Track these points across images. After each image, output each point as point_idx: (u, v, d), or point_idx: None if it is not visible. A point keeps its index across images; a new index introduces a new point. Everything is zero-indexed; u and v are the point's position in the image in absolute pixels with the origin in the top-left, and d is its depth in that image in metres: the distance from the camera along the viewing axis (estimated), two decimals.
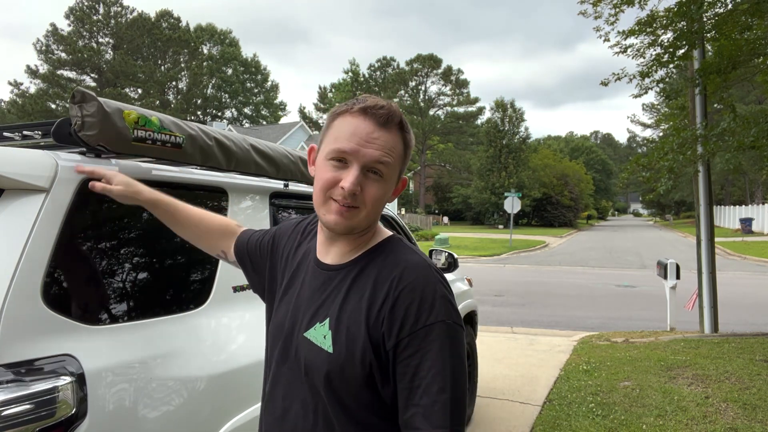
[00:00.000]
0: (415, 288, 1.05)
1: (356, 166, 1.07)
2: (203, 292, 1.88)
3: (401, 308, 1.03)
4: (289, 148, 2.54)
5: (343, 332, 1.07)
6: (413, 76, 57.11)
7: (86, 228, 1.58)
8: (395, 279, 1.07)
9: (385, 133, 1.08)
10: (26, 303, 1.34)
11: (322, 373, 1.08)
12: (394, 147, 1.10)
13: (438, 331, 1.02)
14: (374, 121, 1.07)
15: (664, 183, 7.05)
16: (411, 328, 1.02)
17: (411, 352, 1.02)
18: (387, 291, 1.06)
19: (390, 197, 1.15)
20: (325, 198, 1.11)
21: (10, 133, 1.92)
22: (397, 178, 1.15)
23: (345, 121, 1.09)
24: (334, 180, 1.08)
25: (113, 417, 1.44)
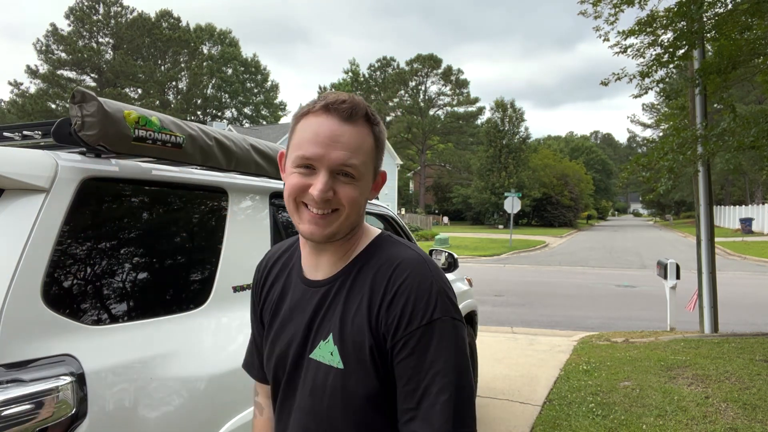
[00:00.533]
0: (409, 285, 0.99)
1: (323, 171, 1.00)
2: (203, 292, 1.88)
3: (396, 308, 0.98)
4: None
5: (350, 344, 1.01)
6: (413, 76, 57.11)
7: (86, 228, 1.58)
8: (390, 278, 1.01)
9: (351, 129, 1.01)
10: (26, 303, 1.34)
11: (338, 394, 1.02)
12: (362, 143, 1.02)
13: (434, 330, 0.96)
14: (337, 117, 1.00)
15: (664, 183, 7.05)
16: (406, 328, 0.97)
17: (407, 354, 0.96)
18: (383, 291, 1.01)
19: (370, 194, 1.08)
20: (297, 204, 1.04)
21: (10, 133, 1.92)
22: (373, 174, 1.08)
23: (308, 123, 1.02)
24: (302, 188, 1.02)
25: (113, 417, 1.44)
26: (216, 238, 2.00)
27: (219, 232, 2.02)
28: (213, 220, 2.04)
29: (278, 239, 2.34)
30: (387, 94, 58.06)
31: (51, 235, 1.43)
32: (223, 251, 1.99)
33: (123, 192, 1.76)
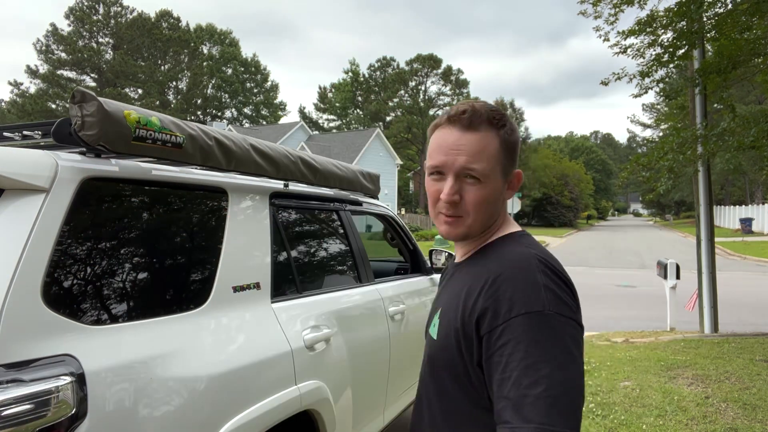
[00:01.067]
0: (513, 276, 1.02)
1: (450, 176, 1.10)
2: (203, 292, 1.88)
3: (496, 295, 1.01)
4: (289, 148, 2.54)
5: (446, 320, 1.11)
6: (413, 76, 57.10)
7: (86, 228, 1.58)
8: (494, 268, 1.06)
9: (472, 136, 1.09)
10: (26, 303, 1.34)
11: (427, 359, 1.16)
12: (485, 147, 1.10)
13: (531, 321, 0.96)
14: (458, 127, 1.10)
15: (664, 183, 7.05)
16: (505, 316, 0.98)
17: (504, 342, 0.97)
18: (486, 279, 1.05)
19: (506, 194, 1.17)
20: (436, 212, 1.16)
21: (10, 133, 1.93)
22: (504, 175, 1.14)
23: (436, 135, 1.15)
24: (437, 193, 1.13)
25: (113, 417, 1.44)
26: (216, 238, 2.00)
27: (219, 232, 2.02)
28: (213, 220, 2.04)
29: (278, 239, 2.34)
30: (387, 94, 58.03)
31: (51, 235, 1.43)
32: (223, 251, 1.99)
33: (123, 192, 1.76)
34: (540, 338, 0.95)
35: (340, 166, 2.96)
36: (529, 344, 0.94)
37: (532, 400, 0.91)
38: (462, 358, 1.05)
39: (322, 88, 64.97)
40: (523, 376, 0.93)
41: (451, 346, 1.07)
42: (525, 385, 0.92)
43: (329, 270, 2.85)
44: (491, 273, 1.05)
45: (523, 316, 0.97)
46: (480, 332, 1.01)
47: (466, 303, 1.06)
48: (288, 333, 2.12)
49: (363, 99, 61.93)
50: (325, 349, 2.30)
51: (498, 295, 1.01)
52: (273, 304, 2.16)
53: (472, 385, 1.05)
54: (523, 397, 0.92)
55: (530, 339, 0.95)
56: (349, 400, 2.43)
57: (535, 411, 0.90)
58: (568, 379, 0.94)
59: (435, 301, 1.27)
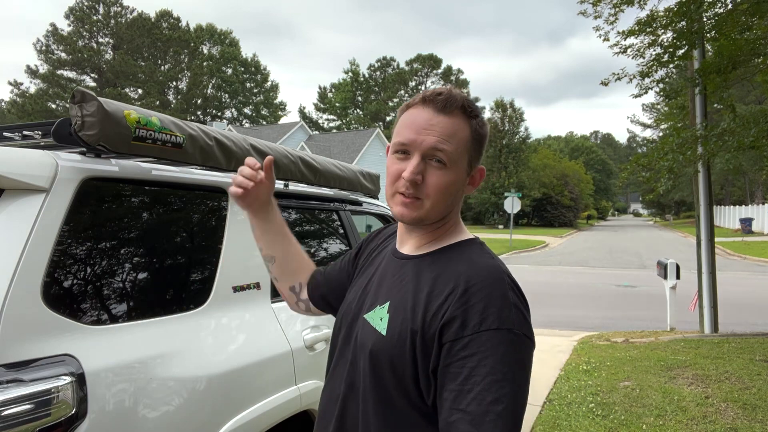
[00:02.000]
0: (486, 288, 0.99)
1: (416, 154, 1.06)
2: (203, 292, 1.88)
3: (467, 306, 0.98)
4: (289, 148, 2.54)
5: (399, 318, 1.05)
6: (413, 76, 57.16)
7: (86, 228, 1.58)
8: (464, 275, 1.02)
9: (445, 118, 1.06)
10: (26, 303, 1.34)
11: (368, 354, 1.06)
12: (456, 132, 1.06)
13: (504, 339, 0.95)
14: (433, 107, 1.06)
15: (664, 183, 7.05)
16: (474, 328, 0.96)
17: (468, 354, 0.94)
18: (454, 285, 1.01)
19: (466, 188, 1.14)
20: (393, 191, 1.10)
21: (10, 133, 1.92)
22: (468, 167, 1.11)
23: (407, 114, 1.10)
24: (398, 172, 1.08)
25: (113, 417, 1.44)
26: (216, 238, 2.00)
27: (219, 232, 2.02)
28: (213, 220, 2.04)
29: None
30: (387, 94, 58.08)
31: (51, 235, 1.43)
32: (223, 251, 1.99)
33: (123, 192, 1.76)
34: (507, 357, 0.94)
35: (340, 166, 2.96)
36: (497, 361, 0.93)
37: (493, 418, 0.90)
38: (414, 362, 1.01)
39: (322, 88, 65.02)
40: (486, 392, 0.91)
41: (405, 347, 1.02)
42: (489, 401, 0.91)
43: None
44: (462, 280, 1.01)
45: (494, 332, 0.95)
46: (443, 339, 0.98)
47: (429, 306, 1.02)
48: (288, 333, 2.12)
49: (363, 99, 61.95)
50: (325, 349, 2.30)
51: (469, 306, 0.98)
52: (273, 304, 2.16)
53: (416, 389, 1.02)
54: (485, 414, 0.90)
55: (498, 356, 0.94)
56: None
57: (497, 429, 0.90)
58: (524, 400, 0.95)
59: (372, 287, 1.18)
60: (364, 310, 1.15)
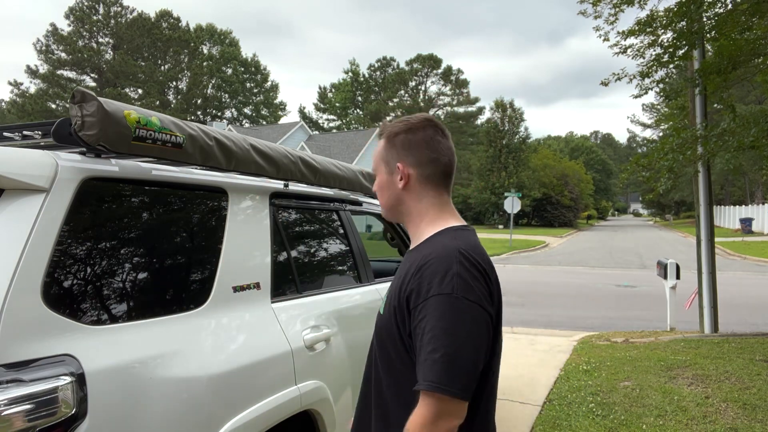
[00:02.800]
0: (433, 264, 1.22)
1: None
2: (203, 292, 1.88)
3: (419, 280, 1.22)
4: (289, 148, 2.54)
5: (389, 298, 1.34)
6: (413, 76, 57.12)
7: (86, 228, 1.58)
8: (424, 256, 1.26)
9: (378, 144, 1.47)
10: (26, 303, 1.34)
11: (376, 331, 1.38)
12: (377, 150, 1.46)
13: (438, 301, 1.17)
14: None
15: (664, 183, 7.05)
16: (423, 296, 1.20)
17: (421, 317, 1.19)
18: (417, 265, 1.26)
19: (398, 183, 1.41)
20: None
21: (10, 133, 1.93)
22: (387, 170, 1.43)
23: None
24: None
25: (113, 417, 1.44)
26: (216, 238, 2.00)
27: (219, 232, 2.02)
28: (213, 220, 2.05)
29: (278, 239, 2.34)
30: (387, 94, 58.05)
31: (51, 235, 1.43)
32: (223, 251, 1.99)
33: (123, 192, 1.76)
34: (445, 315, 1.16)
35: (340, 166, 2.96)
36: (437, 319, 1.16)
37: (430, 363, 1.14)
38: (398, 329, 1.27)
39: (322, 88, 65.01)
40: (428, 344, 1.15)
41: (392, 318, 1.29)
42: (428, 350, 1.15)
43: (329, 270, 2.85)
44: (420, 260, 1.26)
45: (435, 297, 1.18)
46: (409, 307, 1.23)
47: (403, 284, 1.28)
48: (288, 333, 2.12)
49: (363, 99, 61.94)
50: (325, 349, 2.30)
51: (421, 279, 1.22)
52: (273, 304, 2.16)
53: (406, 350, 1.26)
54: (425, 361, 1.15)
55: (438, 315, 1.16)
56: (349, 400, 2.43)
57: (432, 372, 1.13)
58: (462, 349, 1.15)
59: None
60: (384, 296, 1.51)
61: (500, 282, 1.34)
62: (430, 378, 1.13)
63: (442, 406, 1.13)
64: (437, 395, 1.12)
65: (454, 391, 1.12)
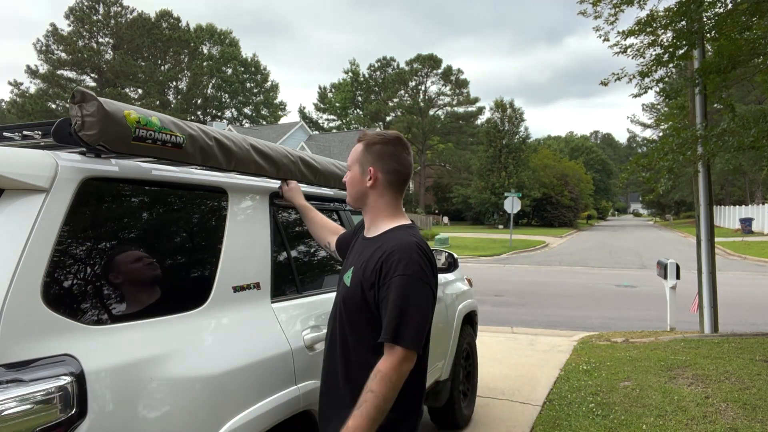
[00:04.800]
0: (396, 252, 1.65)
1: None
2: (203, 292, 1.88)
3: (386, 264, 1.65)
4: (289, 148, 2.54)
5: (357, 274, 1.74)
6: (413, 76, 57.08)
7: (86, 228, 1.58)
8: (389, 247, 1.68)
9: (356, 147, 1.90)
10: (26, 303, 1.34)
11: (341, 297, 1.80)
12: (356, 152, 1.87)
13: (402, 280, 1.61)
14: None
15: (664, 183, 7.05)
16: (388, 275, 1.63)
17: (385, 292, 1.62)
18: (384, 252, 1.68)
19: (366, 182, 1.82)
20: None
21: (10, 133, 1.93)
22: (360, 170, 1.84)
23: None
24: None
25: (113, 417, 1.44)
26: (216, 238, 2.00)
27: (219, 233, 2.02)
28: (213, 220, 2.04)
29: (278, 239, 2.34)
30: (387, 94, 58.03)
31: (51, 235, 1.43)
32: (223, 251, 1.99)
33: (123, 192, 1.76)
34: (404, 290, 1.60)
35: (340, 166, 2.96)
36: (399, 293, 1.60)
37: (395, 325, 1.57)
38: (365, 299, 1.69)
39: (322, 88, 65.02)
40: (391, 311, 1.59)
41: (359, 290, 1.71)
42: (393, 315, 1.58)
43: (329, 270, 2.85)
44: (388, 249, 1.68)
45: (399, 276, 1.61)
46: (379, 283, 1.65)
47: (368, 267, 1.70)
48: (288, 333, 2.12)
49: (363, 99, 61.92)
50: None
51: (390, 263, 1.64)
52: (273, 304, 2.16)
53: (373, 317, 1.68)
54: (390, 323, 1.58)
55: (400, 289, 1.60)
56: None
57: (389, 328, 1.58)
58: (416, 315, 1.60)
59: (346, 260, 1.93)
60: (345, 271, 1.84)
61: (500, 282, 1.46)
62: (394, 335, 1.56)
63: (403, 354, 1.56)
64: (400, 347, 1.56)
65: (411, 345, 1.57)
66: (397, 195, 1.84)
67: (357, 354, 1.71)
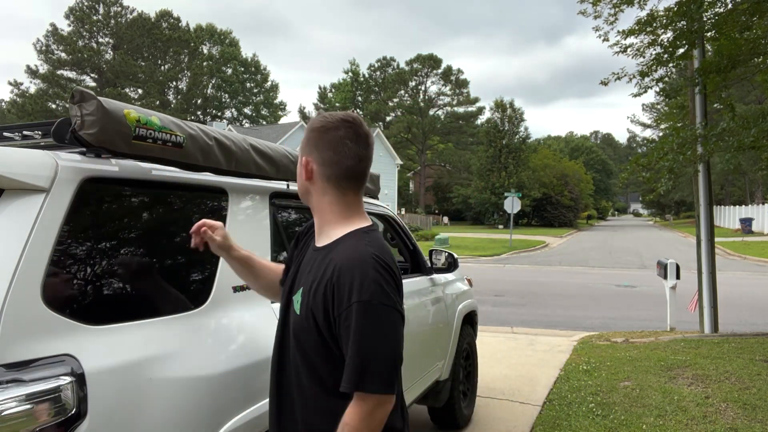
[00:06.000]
0: (350, 271, 1.29)
1: None
2: (203, 292, 1.88)
3: (338, 287, 1.29)
4: (289, 148, 2.54)
5: (305, 301, 1.38)
6: (413, 76, 57.09)
7: (86, 228, 1.58)
8: (338, 263, 1.32)
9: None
10: (26, 303, 1.34)
11: (291, 326, 1.43)
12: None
13: (359, 309, 1.25)
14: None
15: (664, 183, 7.05)
16: (345, 304, 1.27)
17: (345, 324, 1.27)
18: (331, 272, 1.32)
19: (301, 177, 1.48)
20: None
21: (10, 133, 1.93)
22: (301, 161, 1.47)
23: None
24: None
25: (113, 417, 1.44)
26: None
27: None
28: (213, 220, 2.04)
29: (278, 239, 2.34)
30: (387, 94, 58.04)
31: (51, 235, 1.43)
32: None
33: (123, 192, 1.75)
34: (365, 321, 1.25)
35: None
36: (358, 326, 1.25)
37: (352, 367, 1.25)
38: (319, 332, 1.34)
39: (322, 88, 65.01)
40: (351, 348, 1.25)
41: (311, 322, 1.35)
42: (350, 354, 1.25)
43: None
44: (337, 265, 1.31)
45: (356, 304, 1.25)
46: (334, 314, 1.30)
47: (318, 290, 1.33)
48: None
49: (363, 99, 61.91)
50: None
51: (340, 286, 1.28)
52: (273, 304, 2.15)
53: (323, 346, 1.34)
54: (351, 365, 1.25)
55: (359, 322, 1.25)
56: None
57: (353, 374, 1.24)
58: (384, 351, 1.27)
59: (292, 272, 1.54)
60: (294, 291, 1.47)
61: (500, 282, 1.38)
62: (356, 381, 1.24)
63: (373, 401, 1.25)
64: (369, 395, 1.25)
65: (381, 389, 1.25)
66: (345, 191, 1.44)
67: (320, 398, 1.38)
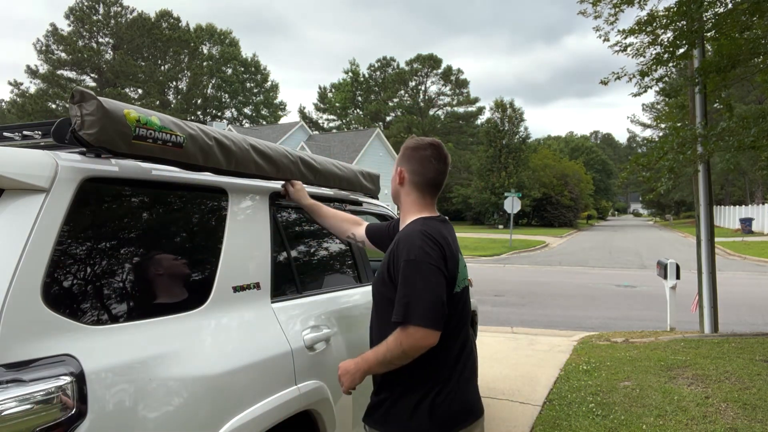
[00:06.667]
0: (404, 240, 1.81)
1: None
2: (203, 292, 1.88)
3: (397, 251, 1.81)
4: (289, 148, 2.54)
5: (383, 261, 1.90)
6: (413, 77, 57.12)
7: (86, 228, 1.58)
8: (399, 236, 1.87)
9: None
10: (26, 303, 1.34)
11: (374, 284, 1.97)
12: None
13: (408, 264, 1.75)
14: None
15: (664, 183, 7.05)
16: (397, 263, 1.79)
17: (398, 278, 1.77)
18: (395, 243, 1.86)
19: (395, 182, 2.02)
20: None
21: (10, 133, 1.93)
22: (395, 170, 2.02)
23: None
24: None
25: (113, 417, 1.44)
26: (216, 239, 2.00)
27: (219, 233, 2.01)
28: (213, 221, 2.04)
29: (278, 239, 2.34)
30: (387, 94, 58.07)
31: (51, 235, 1.43)
32: (223, 251, 1.99)
33: (123, 192, 1.75)
34: (409, 273, 1.73)
35: (340, 166, 2.96)
36: (406, 276, 1.74)
37: (398, 304, 1.72)
38: (384, 283, 1.85)
39: (322, 88, 65.01)
40: (399, 293, 1.73)
41: (382, 276, 1.87)
42: (399, 297, 1.73)
43: (329, 270, 2.85)
44: (398, 238, 1.86)
45: (405, 261, 1.76)
46: (394, 271, 1.80)
47: (391, 252, 1.85)
48: (288, 333, 2.12)
49: (363, 99, 61.93)
50: (325, 349, 2.30)
51: (398, 251, 1.80)
52: (273, 304, 2.16)
53: (392, 300, 1.79)
54: (397, 303, 1.73)
55: (407, 273, 1.74)
56: (349, 400, 2.42)
57: (400, 310, 1.71)
58: (424, 293, 1.70)
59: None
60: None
61: (500, 282, 1.45)
62: (404, 315, 1.69)
63: (415, 331, 1.68)
64: (411, 325, 1.69)
65: (422, 322, 1.68)
66: (425, 194, 1.97)
67: (379, 331, 1.87)
